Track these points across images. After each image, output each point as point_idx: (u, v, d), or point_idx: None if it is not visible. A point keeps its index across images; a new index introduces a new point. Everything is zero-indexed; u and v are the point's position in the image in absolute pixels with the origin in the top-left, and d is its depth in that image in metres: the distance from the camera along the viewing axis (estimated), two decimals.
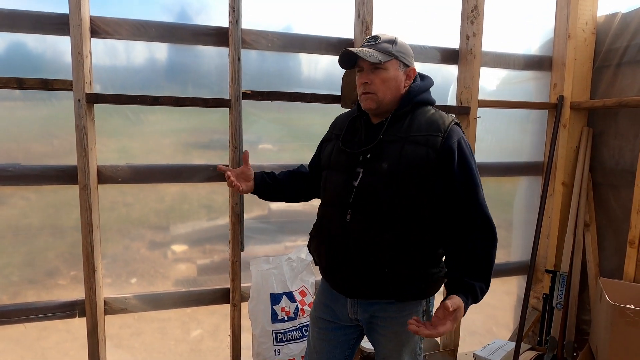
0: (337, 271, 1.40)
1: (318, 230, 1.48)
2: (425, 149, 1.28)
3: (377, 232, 1.30)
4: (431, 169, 1.28)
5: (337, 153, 1.43)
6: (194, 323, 2.25)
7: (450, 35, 2.36)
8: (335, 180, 1.40)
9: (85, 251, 1.84)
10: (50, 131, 1.89)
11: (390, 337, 1.42)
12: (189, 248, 2.17)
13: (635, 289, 2.09)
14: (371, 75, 1.33)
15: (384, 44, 1.33)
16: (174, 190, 2.10)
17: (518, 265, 2.72)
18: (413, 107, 1.36)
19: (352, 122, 1.45)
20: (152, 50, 1.98)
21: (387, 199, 1.29)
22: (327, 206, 1.45)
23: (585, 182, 2.49)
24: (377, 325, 1.43)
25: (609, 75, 2.45)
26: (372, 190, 1.31)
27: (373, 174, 1.32)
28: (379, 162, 1.32)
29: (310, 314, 1.59)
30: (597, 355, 2.06)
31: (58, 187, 1.90)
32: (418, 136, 1.30)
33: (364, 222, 1.32)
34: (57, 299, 1.95)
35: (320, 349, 1.53)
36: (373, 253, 1.31)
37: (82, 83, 1.72)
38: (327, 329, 1.51)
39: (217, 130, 2.09)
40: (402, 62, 1.35)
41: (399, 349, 1.42)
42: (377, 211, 1.30)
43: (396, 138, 1.32)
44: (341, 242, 1.35)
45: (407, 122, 1.34)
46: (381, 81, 1.33)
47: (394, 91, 1.35)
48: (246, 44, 2.00)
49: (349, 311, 1.45)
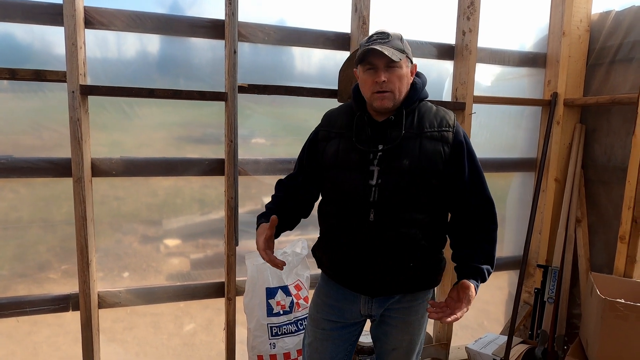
0: (359, 271, 1.38)
1: (332, 232, 1.42)
2: (440, 144, 1.33)
3: (402, 228, 1.32)
4: (445, 163, 1.33)
5: (345, 152, 1.37)
6: (187, 317, 2.24)
7: (446, 31, 2.36)
8: (349, 180, 1.35)
9: (79, 244, 1.82)
10: (40, 123, 1.87)
11: (403, 327, 1.45)
12: (182, 242, 2.15)
13: (626, 283, 2.13)
14: (387, 73, 1.31)
15: (396, 41, 1.32)
16: (167, 184, 2.08)
17: (510, 260, 2.75)
18: (418, 102, 1.39)
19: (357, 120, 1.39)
20: (144, 43, 1.95)
21: (408, 196, 1.31)
22: (340, 207, 1.38)
23: (578, 178, 2.52)
24: (390, 317, 1.45)
25: (602, 72, 2.47)
26: (395, 188, 1.31)
27: (392, 172, 1.31)
28: (398, 159, 1.32)
29: (312, 316, 1.55)
30: (587, 348, 2.09)
31: (48, 180, 1.87)
32: (434, 132, 1.34)
33: (388, 221, 1.32)
34: (48, 292, 1.93)
35: (323, 349, 1.51)
36: (400, 249, 1.33)
37: (76, 74, 1.70)
38: (332, 329, 1.50)
39: (211, 125, 2.08)
40: (410, 59, 1.36)
41: (410, 337, 1.46)
42: (400, 208, 1.32)
43: (412, 135, 1.34)
44: (365, 242, 1.34)
45: (416, 118, 1.36)
46: (398, 79, 1.32)
47: (406, 88, 1.36)
48: (242, 37, 1.99)
49: (361, 308, 1.45)
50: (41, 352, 2.02)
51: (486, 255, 1.35)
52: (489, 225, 1.38)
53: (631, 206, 2.13)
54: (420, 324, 1.47)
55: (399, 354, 1.48)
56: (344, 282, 1.45)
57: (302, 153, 1.55)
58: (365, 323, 1.55)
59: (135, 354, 2.17)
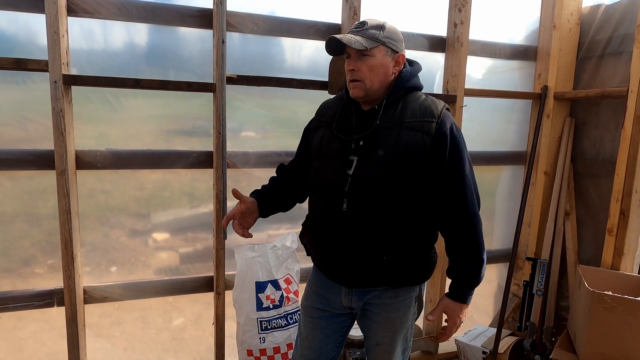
0: (334, 261, 1.38)
1: (312, 221, 1.45)
2: (420, 135, 1.28)
3: (375, 220, 1.29)
4: (426, 155, 1.27)
5: (328, 141, 1.39)
6: (175, 312, 2.22)
7: (437, 22, 2.34)
8: (329, 169, 1.37)
9: (64, 238, 1.78)
10: (25, 115, 1.82)
11: (384, 324, 1.42)
12: (171, 236, 2.13)
13: (613, 275, 2.15)
14: (358, 62, 1.30)
15: (371, 30, 1.31)
16: (155, 177, 2.05)
17: (499, 253, 2.76)
18: (405, 92, 1.35)
19: (342, 109, 1.41)
20: (132, 34, 1.91)
21: (384, 187, 1.28)
22: (321, 196, 1.41)
23: (567, 172, 2.53)
24: (371, 312, 1.43)
25: (592, 66, 2.48)
26: (369, 178, 1.29)
27: (369, 162, 1.30)
28: (374, 149, 1.30)
29: (302, 303, 1.57)
30: (575, 340, 2.11)
31: (33, 173, 1.83)
32: (414, 122, 1.29)
33: (361, 211, 1.30)
34: (33, 288, 1.89)
35: (312, 337, 1.51)
36: (371, 241, 1.31)
37: (59, 64, 1.65)
38: (319, 317, 1.50)
39: (200, 117, 2.05)
40: (390, 48, 1.32)
41: (391, 335, 1.43)
42: (375, 199, 1.29)
43: (391, 124, 1.31)
44: (338, 232, 1.33)
45: (399, 108, 1.33)
46: (368, 68, 1.30)
47: (382, 78, 1.32)
48: (231, 27, 1.95)
49: (343, 300, 1.44)
50: (27, 348, 1.99)
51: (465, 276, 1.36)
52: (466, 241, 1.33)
53: (619, 199, 2.15)
54: (403, 322, 1.42)
55: (381, 350, 1.46)
56: (324, 271, 1.45)
57: (300, 141, 1.58)
58: (355, 316, 1.55)
59: (124, 349, 2.15)
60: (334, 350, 1.53)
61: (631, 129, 2.09)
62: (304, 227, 1.49)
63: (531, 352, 2.39)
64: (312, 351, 1.51)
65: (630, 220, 2.12)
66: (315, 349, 1.51)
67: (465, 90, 2.33)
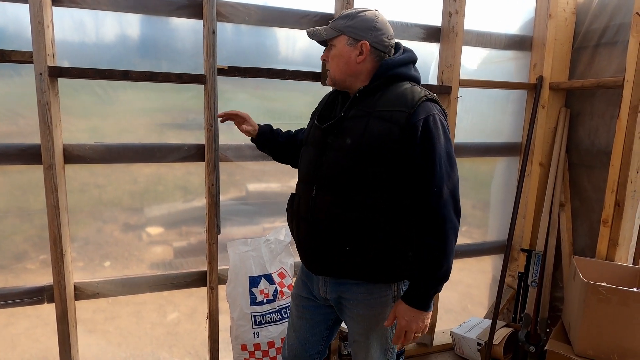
0: (304, 246, 1.39)
1: (290, 206, 1.46)
2: (389, 125, 1.22)
3: (339, 208, 1.27)
4: (394, 147, 1.21)
5: (313, 129, 1.42)
6: (170, 306, 2.21)
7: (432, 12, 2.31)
8: (307, 156, 1.40)
9: (52, 234, 1.75)
10: (15, 109, 1.79)
11: (358, 320, 1.39)
12: (165, 230, 2.12)
13: (608, 266, 2.15)
14: (327, 52, 1.36)
15: (339, 20, 1.32)
16: (149, 171, 2.03)
17: (494, 244, 2.76)
18: (386, 81, 1.30)
19: (331, 98, 1.45)
20: (124, 26, 1.88)
21: (349, 176, 1.26)
22: (299, 182, 1.44)
23: (562, 162, 2.52)
24: (346, 307, 1.40)
25: (587, 56, 2.46)
26: (334, 165, 1.29)
27: (338, 150, 1.30)
28: (342, 137, 1.29)
29: (292, 292, 1.59)
30: (569, 331, 2.12)
31: (24, 168, 1.81)
32: (384, 111, 1.24)
33: (327, 199, 1.29)
34: (24, 284, 1.87)
35: (298, 327, 1.52)
36: (334, 230, 1.28)
37: (44, 55, 1.61)
38: (305, 307, 1.50)
39: (193, 110, 2.03)
40: (351, 37, 1.30)
41: (366, 333, 1.39)
42: (339, 187, 1.28)
43: (363, 113, 1.28)
44: (307, 218, 1.34)
45: (376, 97, 1.29)
46: (331, 58, 1.34)
47: (343, 67, 1.32)
48: (222, 17, 1.91)
49: (319, 289, 1.43)
50: (19, 344, 1.98)
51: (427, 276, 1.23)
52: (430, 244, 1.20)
53: (614, 190, 2.14)
54: (378, 321, 1.36)
55: (359, 347, 1.42)
56: (300, 258, 1.46)
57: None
58: None
59: (118, 345, 2.14)
60: (320, 344, 1.52)
61: (626, 120, 2.07)
62: (286, 212, 1.50)
63: (526, 343, 2.40)
64: (298, 340, 1.52)
65: (625, 211, 2.12)
66: (301, 338, 1.51)
67: (460, 80, 2.31)
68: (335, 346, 2.33)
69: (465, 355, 2.49)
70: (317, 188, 1.32)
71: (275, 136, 1.67)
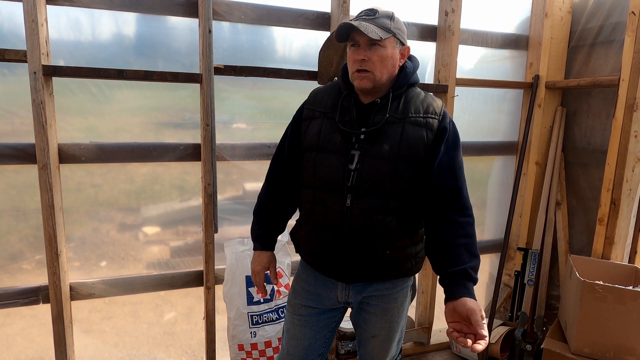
0: (336, 257, 1.35)
1: (310, 216, 1.38)
2: (424, 130, 1.28)
3: (380, 215, 1.28)
4: (427, 150, 1.28)
5: (328, 133, 1.32)
6: (167, 306, 2.20)
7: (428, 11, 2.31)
8: (330, 163, 1.31)
9: (47, 234, 1.74)
10: (9, 109, 1.78)
11: (381, 315, 1.42)
12: (162, 230, 2.11)
13: (604, 265, 2.16)
14: (368, 52, 1.26)
15: (383, 19, 1.26)
16: (145, 170, 2.03)
17: (491, 243, 2.77)
18: (408, 87, 1.34)
19: (343, 100, 1.35)
20: (119, 25, 1.87)
21: (389, 182, 1.27)
22: (320, 190, 1.34)
23: (558, 161, 2.53)
24: (369, 305, 1.43)
25: (583, 55, 2.47)
26: (373, 173, 1.27)
27: (373, 157, 1.27)
28: (379, 143, 1.28)
29: (290, 302, 1.52)
30: (566, 329, 2.12)
31: (19, 167, 1.80)
32: (419, 117, 1.29)
33: (365, 207, 1.28)
34: (20, 284, 1.87)
35: (301, 335, 1.48)
36: (375, 237, 1.30)
37: (38, 54, 1.60)
38: (309, 315, 1.46)
39: (189, 109, 2.02)
40: (399, 40, 1.30)
41: (389, 325, 1.44)
42: (380, 194, 1.28)
43: (394, 119, 1.29)
44: (340, 228, 1.30)
45: (402, 103, 1.31)
46: (379, 59, 1.26)
47: (390, 70, 1.30)
48: (218, 15, 1.91)
49: (338, 295, 1.42)
50: (15, 345, 1.97)
51: (468, 259, 1.24)
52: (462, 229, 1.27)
53: (610, 188, 2.15)
54: (400, 312, 1.44)
55: (377, 341, 1.46)
56: (321, 268, 1.42)
57: (285, 133, 1.49)
58: (346, 310, 1.53)
59: (114, 345, 2.13)
60: (322, 347, 1.51)
61: (622, 118, 2.08)
62: (300, 224, 1.45)
63: (522, 342, 2.40)
64: (301, 349, 1.48)
65: (621, 209, 2.13)
66: (304, 346, 1.48)
67: (457, 79, 2.31)
68: (333, 345, 2.33)
69: (462, 354, 2.49)
70: (352, 197, 1.28)
71: (277, 230, 1.55)
